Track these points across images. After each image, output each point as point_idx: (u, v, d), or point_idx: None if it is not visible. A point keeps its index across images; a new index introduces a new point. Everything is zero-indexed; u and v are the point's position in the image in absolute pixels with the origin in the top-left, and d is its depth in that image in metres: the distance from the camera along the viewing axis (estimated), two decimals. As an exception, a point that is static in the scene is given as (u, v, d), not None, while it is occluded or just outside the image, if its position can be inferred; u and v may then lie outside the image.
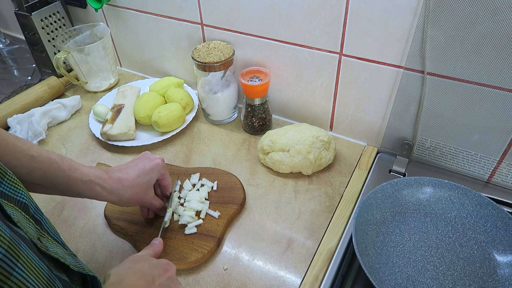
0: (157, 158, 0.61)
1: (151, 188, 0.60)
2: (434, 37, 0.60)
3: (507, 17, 0.54)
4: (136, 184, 0.56)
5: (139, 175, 0.57)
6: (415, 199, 0.66)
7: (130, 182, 0.56)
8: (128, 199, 0.56)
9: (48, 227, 0.49)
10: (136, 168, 0.58)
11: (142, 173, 0.57)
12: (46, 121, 0.90)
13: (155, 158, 0.61)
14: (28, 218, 0.45)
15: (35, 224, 0.46)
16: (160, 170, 0.60)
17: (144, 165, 0.58)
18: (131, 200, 0.57)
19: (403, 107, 0.71)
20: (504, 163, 0.68)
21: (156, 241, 0.57)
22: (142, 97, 0.88)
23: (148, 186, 0.59)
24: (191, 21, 0.86)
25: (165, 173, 0.63)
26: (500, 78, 0.59)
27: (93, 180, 0.53)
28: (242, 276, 0.60)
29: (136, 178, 0.57)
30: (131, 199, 0.56)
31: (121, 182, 0.55)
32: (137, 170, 0.57)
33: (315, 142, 0.73)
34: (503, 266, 0.57)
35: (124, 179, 0.56)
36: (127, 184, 0.55)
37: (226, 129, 0.88)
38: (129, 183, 0.56)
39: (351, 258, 0.62)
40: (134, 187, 0.56)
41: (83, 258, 0.64)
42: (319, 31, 0.71)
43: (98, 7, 0.93)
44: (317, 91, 0.80)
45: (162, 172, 0.61)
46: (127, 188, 0.55)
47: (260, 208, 0.70)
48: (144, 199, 0.59)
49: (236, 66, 0.85)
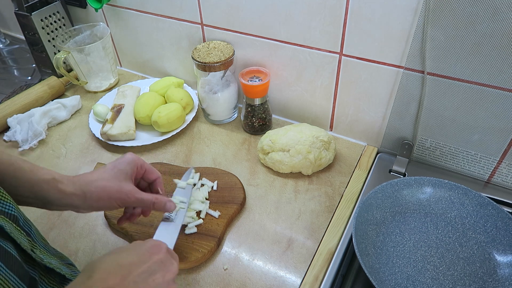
0: (127, 154, 0.56)
1: (124, 181, 0.53)
2: (434, 37, 0.60)
3: (507, 17, 0.54)
4: (101, 178, 0.52)
5: (105, 171, 0.53)
6: (415, 199, 0.66)
7: (95, 177, 0.52)
8: (96, 195, 0.51)
9: (37, 240, 0.49)
10: (102, 168, 0.54)
11: (108, 169, 0.53)
12: (46, 121, 0.90)
13: (125, 155, 0.56)
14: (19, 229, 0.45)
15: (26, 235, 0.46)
16: (132, 162, 0.54)
17: (112, 163, 0.54)
18: (100, 196, 0.51)
19: (403, 107, 0.71)
20: (504, 163, 0.68)
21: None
22: (142, 97, 0.88)
23: (119, 179, 0.52)
24: (191, 21, 0.86)
25: (145, 166, 0.57)
26: (500, 78, 0.59)
27: (56, 178, 0.50)
28: (242, 276, 0.60)
29: (101, 174, 0.52)
30: (99, 194, 0.51)
31: (86, 178, 0.51)
32: (103, 168, 0.54)
33: (315, 142, 0.73)
34: (503, 266, 0.57)
35: (87, 176, 0.52)
36: (90, 179, 0.51)
37: (226, 129, 0.88)
38: (94, 178, 0.52)
39: (351, 258, 0.62)
40: (99, 180, 0.51)
41: (83, 258, 0.64)
42: (319, 31, 0.71)
43: (98, 7, 0.93)
44: (317, 91, 0.80)
45: (138, 163, 0.55)
46: (91, 183, 0.51)
47: (260, 208, 0.70)
48: (118, 194, 0.52)
49: (236, 66, 0.85)
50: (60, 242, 0.66)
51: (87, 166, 0.81)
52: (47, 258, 0.48)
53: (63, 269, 0.49)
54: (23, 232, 0.46)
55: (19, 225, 0.46)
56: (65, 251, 0.65)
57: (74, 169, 0.80)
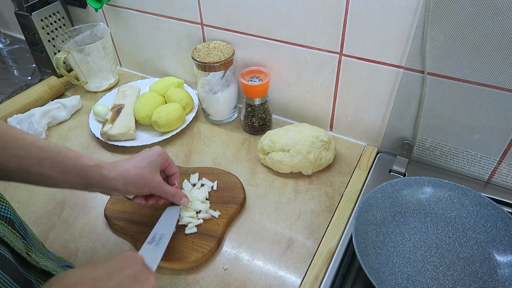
0: (155, 147, 0.61)
1: (156, 172, 0.59)
2: (434, 37, 0.60)
3: (507, 17, 0.54)
4: (138, 166, 0.57)
5: (140, 160, 0.58)
6: (415, 199, 0.66)
7: (132, 165, 0.57)
8: (134, 181, 0.56)
9: (33, 243, 0.50)
10: (135, 157, 0.59)
11: (143, 158, 0.58)
12: (46, 121, 0.90)
13: (153, 148, 0.61)
14: (14, 232, 0.45)
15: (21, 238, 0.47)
16: (161, 154, 0.60)
17: (143, 153, 0.60)
18: (137, 182, 0.57)
19: (403, 107, 0.71)
20: (504, 163, 0.68)
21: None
22: (142, 97, 0.88)
23: (152, 169, 0.58)
24: (191, 21, 0.86)
25: (169, 160, 0.63)
26: (500, 78, 0.59)
27: (99, 164, 0.54)
28: (242, 276, 0.60)
29: (137, 162, 0.58)
30: (137, 180, 0.56)
31: (124, 165, 0.56)
32: (137, 157, 0.59)
33: (315, 142, 0.73)
34: (503, 266, 0.57)
35: (124, 164, 0.57)
36: (129, 166, 0.56)
37: (226, 129, 0.88)
38: (131, 165, 0.57)
39: (351, 258, 0.62)
40: (137, 168, 0.57)
41: (83, 258, 0.64)
42: (319, 31, 0.71)
43: (98, 7, 0.93)
44: (317, 91, 0.80)
45: (164, 157, 0.61)
46: (130, 170, 0.56)
47: (260, 208, 0.70)
48: (151, 182, 0.58)
49: (236, 66, 0.85)
50: (60, 242, 0.66)
51: (87, 166, 0.81)
52: (43, 261, 0.48)
53: (59, 271, 0.50)
54: (19, 235, 0.46)
55: (15, 228, 0.46)
56: (65, 251, 0.65)
57: (74, 169, 0.80)
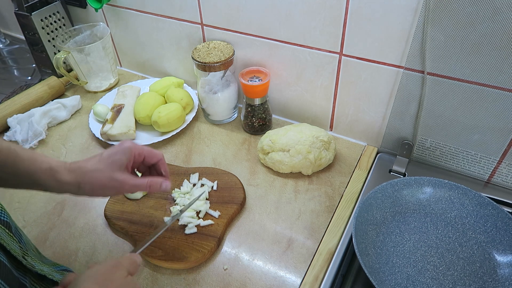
0: (124, 143, 0.56)
1: (118, 171, 0.54)
2: (434, 37, 0.60)
3: (507, 17, 0.54)
4: (95, 169, 0.53)
5: (100, 160, 0.54)
6: (415, 199, 0.66)
7: (89, 168, 0.53)
8: (90, 185, 0.52)
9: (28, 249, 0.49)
10: (98, 156, 0.55)
11: (103, 158, 0.54)
12: (46, 121, 0.90)
13: (122, 143, 0.56)
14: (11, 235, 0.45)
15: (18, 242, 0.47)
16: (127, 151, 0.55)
17: (107, 152, 0.55)
18: (94, 186, 0.53)
19: (403, 107, 0.71)
20: (504, 163, 0.68)
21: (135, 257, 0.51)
22: (142, 97, 0.88)
23: (112, 169, 0.53)
24: (191, 21, 0.86)
25: (143, 153, 0.57)
26: (500, 78, 0.59)
27: (53, 168, 0.51)
28: (242, 276, 0.60)
29: (96, 163, 0.53)
30: (92, 185, 0.52)
31: (80, 169, 0.53)
32: (98, 157, 0.55)
33: (315, 142, 0.73)
34: (503, 266, 0.57)
35: (83, 166, 0.53)
36: (85, 170, 0.53)
37: (226, 129, 0.88)
38: (88, 168, 0.53)
39: (351, 258, 0.62)
40: (94, 171, 0.53)
41: (83, 258, 0.64)
42: (319, 31, 0.71)
43: (98, 7, 0.93)
44: (317, 91, 0.80)
45: (135, 152, 0.56)
46: (85, 174, 0.52)
47: (260, 208, 0.70)
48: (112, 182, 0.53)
49: (236, 66, 0.85)
50: (60, 242, 0.66)
51: (87, 166, 0.81)
52: (39, 265, 0.48)
53: (55, 275, 0.50)
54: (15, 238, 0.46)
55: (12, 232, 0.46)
56: (65, 251, 0.65)
57: (74, 169, 0.80)
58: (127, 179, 0.54)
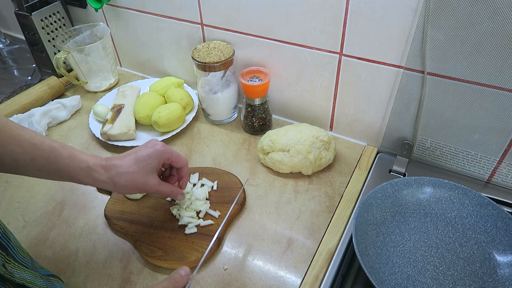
0: (156, 145, 0.60)
1: (151, 175, 0.58)
2: (434, 37, 0.60)
3: (507, 17, 0.54)
4: (131, 171, 0.56)
5: (135, 162, 0.57)
6: (415, 199, 0.66)
7: (125, 169, 0.56)
8: (124, 186, 0.57)
9: (16, 253, 0.49)
10: (133, 156, 0.58)
11: (139, 160, 0.57)
12: (46, 121, 0.90)
13: (155, 144, 0.60)
14: None
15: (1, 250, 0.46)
16: (160, 155, 0.59)
17: (141, 153, 0.58)
18: (127, 186, 0.57)
19: (403, 107, 0.71)
20: (504, 163, 0.68)
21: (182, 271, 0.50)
22: (142, 97, 0.88)
23: (146, 173, 0.58)
24: (191, 21, 0.86)
25: (171, 157, 0.61)
26: (500, 78, 0.59)
27: (91, 167, 0.55)
28: (242, 276, 0.60)
29: (132, 165, 0.57)
30: (126, 185, 0.57)
31: (116, 168, 0.56)
32: (134, 157, 0.58)
33: (315, 142, 0.73)
34: (503, 266, 0.57)
35: (119, 165, 0.56)
36: (121, 171, 0.56)
37: (226, 129, 0.88)
38: (124, 169, 0.56)
39: (351, 258, 0.62)
40: (129, 173, 0.56)
41: (83, 258, 0.64)
42: (319, 31, 0.71)
43: (98, 7, 0.93)
44: (317, 91, 0.80)
45: (165, 156, 0.60)
46: (121, 174, 0.56)
47: (260, 208, 0.70)
48: (144, 186, 0.58)
49: (236, 66, 0.85)
50: (60, 242, 0.66)
51: (87, 166, 0.81)
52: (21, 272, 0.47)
53: (37, 282, 0.49)
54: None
55: None
56: (65, 251, 0.65)
57: (74, 169, 0.80)
58: (156, 184, 0.59)
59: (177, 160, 0.62)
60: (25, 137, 0.51)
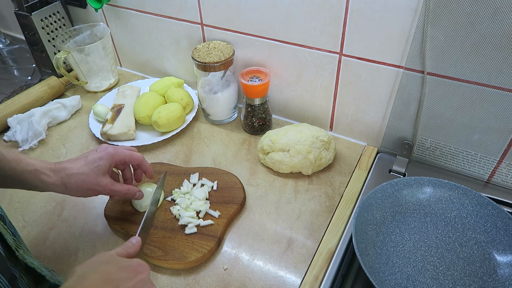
0: (107, 148, 0.61)
1: (103, 176, 0.59)
2: (434, 37, 0.60)
3: (507, 17, 0.54)
4: (81, 172, 0.57)
5: (86, 164, 0.58)
6: (415, 199, 0.66)
7: (76, 170, 0.57)
8: (75, 187, 0.57)
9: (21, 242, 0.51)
10: (83, 159, 0.59)
11: (89, 162, 0.58)
12: (46, 121, 0.90)
13: (105, 148, 0.61)
14: (6, 228, 0.47)
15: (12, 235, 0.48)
16: (110, 157, 0.60)
17: (92, 156, 0.59)
18: (79, 188, 0.57)
19: (403, 107, 0.71)
20: (504, 163, 0.68)
21: (133, 240, 0.54)
22: (142, 97, 0.88)
23: (97, 174, 0.58)
24: (191, 21, 0.86)
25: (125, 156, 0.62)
26: (500, 78, 0.59)
27: (39, 170, 0.55)
28: (242, 276, 0.60)
29: (82, 167, 0.58)
30: (78, 186, 0.57)
31: (66, 170, 0.57)
32: (84, 160, 0.59)
33: (315, 142, 0.73)
34: (503, 266, 0.57)
35: (69, 167, 0.57)
36: (72, 172, 0.57)
37: (226, 129, 0.88)
38: (74, 170, 0.57)
39: (351, 258, 0.62)
40: (80, 174, 0.57)
41: (83, 258, 0.64)
42: (319, 31, 0.71)
43: (98, 7, 0.93)
44: (317, 91, 0.80)
45: (117, 158, 0.61)
46: (71, 176, 0.56)
47: (260, 208, 0.70)
48: (96, 186, 0.59)
49: (236, 66, 0.85)
50: (60, 242, 0.66)
51: (87, 166, 0.81)
52: (30, 258, 0.49)
53: (43, 270, 0.51)
54: (10, 231, 0.48)
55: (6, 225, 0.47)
56: (65, 251, 0.65)
57: (74, 169, 0.80)
58: (109, 183, 0.60)
59: (132, 158, 0.63)
60: None
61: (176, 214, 0.67)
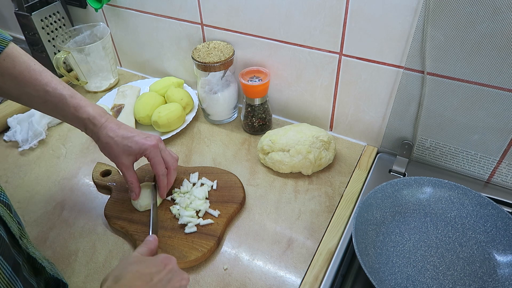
0: (151, 141, 0.63)
1: (126, 156, 0.63)
2: (434, 37, 0.60)
3: (507, 17, 0.54)
4: (115, 141, 0.62)
5: (124, 138, 0.62)
6: (415, 199, 0.66)
7: (113, 134, 0.62)
8: (103, 146, 0.63)
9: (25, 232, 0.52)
10: (129, 133, 0.63)
11: (127, 138, 0.62)
12: (46, 121, 0.90)
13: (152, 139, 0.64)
14: (11, 216, 0.48)
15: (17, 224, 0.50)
16: (142, 149, 0.63)
17: (135, 137, 0.63)
18: (105, 149, 0.63)
19: (403, 107, 0.71)
20: (504, 163, 0.68)
21: (150, 237, 0.57)
22: (142, 97, 0.88)
23: (123, 152, 0.62)
24: (191, 21, 0.86)
25: (152, 159, 0.64)
26: (500, 78, 0.59)
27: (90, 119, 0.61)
28: (242, 276, 0.60)
29: (119, 136, 0.62)
30: (104, 148, 0.63)
31: (107, 130, 0.62)
32: (127, 134, 0.63)
33: (315, 142, 0.73)
34: (503, 266, 0.57)
35: (111, 129, 0.62)
36: (110, 134, 0.62)
37: (226, 129, 0.88)
38: (112, 134, 0.62)
39: (351, 258, 0.62)
40: (113, 139, 0.61)
41: (83, 258, 0.64)
42: (319, 31, 0.71)
43: (98, 7, 0.93)
44: (317, 91, 0.80)
45: (146, 153, 0.63)
46: (107, 137, 0.61)
47: (260, 208, 0.70)
48: (115, 158, 0.63)
49: (236, 66, 0.85)
50: (60, 242, 0.66)
51: (87, 166, 0.81)
52: (32, 248, 0.51)
53: (44, 261, 0.52)
54: (15, 220, 0.49)
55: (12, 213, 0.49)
56: (65, 251, 0.65)
57: (74, 169, 0.80)
58: (125, 165, 0.64)
59: (154, 166, 0.65)
60: (41, 82, 0.59)
61: (175, 214, 0.67)
